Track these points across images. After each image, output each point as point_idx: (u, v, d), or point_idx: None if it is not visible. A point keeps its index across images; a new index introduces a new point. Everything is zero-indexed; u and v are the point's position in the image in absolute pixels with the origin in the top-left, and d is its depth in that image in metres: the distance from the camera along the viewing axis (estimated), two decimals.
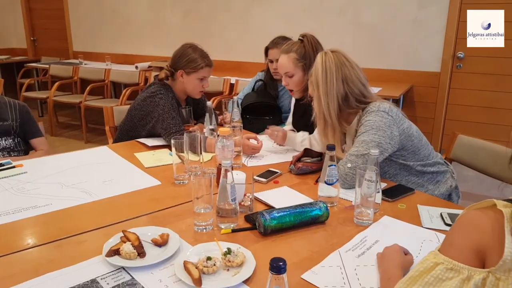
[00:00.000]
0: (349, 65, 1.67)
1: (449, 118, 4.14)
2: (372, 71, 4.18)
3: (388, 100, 3.54)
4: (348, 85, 1.65)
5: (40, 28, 7.12)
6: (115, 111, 2.67)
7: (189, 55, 2.20)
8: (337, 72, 1.64)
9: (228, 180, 1.27)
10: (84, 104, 5.10)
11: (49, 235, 1.25)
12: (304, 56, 2.04)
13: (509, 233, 0.73)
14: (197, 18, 5.30)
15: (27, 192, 1.57)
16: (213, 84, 4.57)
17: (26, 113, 2.34)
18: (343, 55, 1.69)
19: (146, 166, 1.85)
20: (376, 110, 1.62)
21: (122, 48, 6.11)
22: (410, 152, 1.69)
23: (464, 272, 0.75)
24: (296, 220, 1.27)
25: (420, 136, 1.72)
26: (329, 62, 1.65)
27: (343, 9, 4.30)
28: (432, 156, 1.75)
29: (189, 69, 2.19)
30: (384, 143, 1.57)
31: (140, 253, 1.11)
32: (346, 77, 1.65)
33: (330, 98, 1.65)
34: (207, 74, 2.24)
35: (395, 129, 1.61)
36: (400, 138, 1.63)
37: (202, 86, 2.26)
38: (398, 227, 1.31)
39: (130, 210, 1.42)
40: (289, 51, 2.06)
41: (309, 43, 2.06)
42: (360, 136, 1.62)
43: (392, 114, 1.62)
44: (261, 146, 2.01)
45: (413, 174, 1.72)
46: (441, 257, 0.78)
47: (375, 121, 1.60)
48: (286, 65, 2.07)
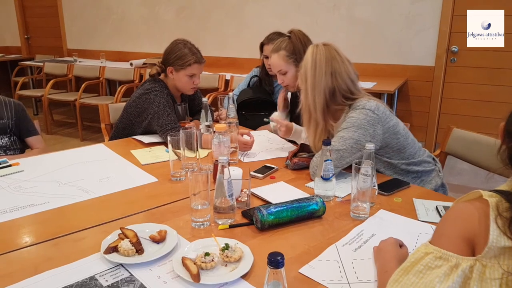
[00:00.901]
0: (340, 59, 1.66)
1: (443, 112, 4.17)
2: (367, 66, 4.20)
3: (383, 95, 3.60)
4: (336, 80, 1.64)
5: (34, 26, 7.07)
6: (110, 108, 2.66)
7: (178, 51, 2.19)
8: (327, 65, 1.63)
9: (225, 176, 1.27)
10: (79, 102, 5.08)
11: (46, 233, 1.25)
12: (293, 51, 2.05)
13: (494, 221, 0.75)
14: (191, 15, 5.29)
15: (24, 191, 1.56)
16: (208, 81, 4.57)
17: (21, 112, 2.33)
18: (334, 48, 1.68)
19: (142, 163, 1.85)
20: (362, 107, 1.62)
21: (117, 45, 6.09)
22: (395, 150, 1.69)
23: (452, 260, 0.77)
24: (293, 215, 1.28)
25: (406, 134, 1.72)
26: (319, 55, 1.64)
27: (337, 4, 4.30)
28: (418, 155, 1.75)
29: (177, 65, 2.18)
30: (363, 141, 1.55)
31: (138, 250, 1.11)
32: (335, 71, 1.64)
33: (317, 91, 1.64)
34: (196, 70, 2.21)
35: (379, 127, 1.61)
36: (384, 136, 1.63)
37: (192, 83, 2.24)
38: (394, 221, 1.33)
39: (128, 207, 1.42)
40: (278, 49, 2.08)
41: (297, 38, 2.08)
42: (340, 132, 1.63)
43: (378, 112, 1.61)
44: (253, 142, 2.02)
45: (398, 173, 1.72)
46: (431, 247, 0.81)
47: (358, 119, 1.60)
48: (278, 63, 2.09)
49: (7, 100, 2.31)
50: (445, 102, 4.13)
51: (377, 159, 1.68)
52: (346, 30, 4.30)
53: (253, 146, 2.03)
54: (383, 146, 1.67)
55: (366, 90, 3.47)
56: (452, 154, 2.13)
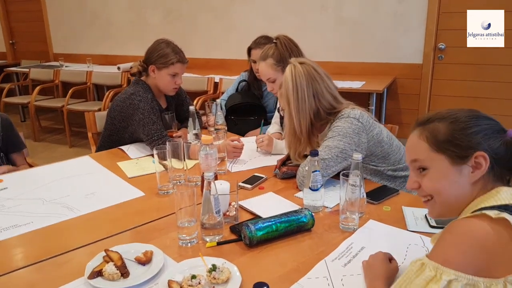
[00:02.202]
0: (319, 77, 1.65)
1: (432, 109, 4.17)
2: (355, 65, 4.18)
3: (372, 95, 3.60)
4: (319, 101, 1.64)
5: (19, 30, 6.97)
6: (97, 116, 2.62)
7: (161, 50, 2.16)
8: (308, 88, 1.62)
9: (211, 192, 1.25)
10: (67, 108, 5.01)
11: (30, 257, 1.22)
12: (280, 59, 2.05)
13: None
14: (178, 17, 5.24)
15: (7, 210, 1.53)
16: (197, 83, 4.52)
17: (9, 126, 2.23)
18: (312, 66, 1.66)
19: (129, 176, 1.82)
20: (347, 116, 1.62)
21: (104, 49, 6.01)
22: (380, 157, 1.69)
23: (480, 286, 0.76)
24: (281, 229, 1.26)
25: (390, 141, 1.71)
26: (299, 78, 1.63)
27: (324, 4, 4.28)
28: (403, 160, 1.74)
29: (160, 64, 2.15)
30: (349, 150, 1.56)
31: (124, 273, 1.09)
32: (317, 92, 1.64)
33: (302, 115, 1.64)
34: (179, 70, 2.19)
35: (364, 136, 1.61)
36: (369, 145, 1.63)
37: (174, 83, 2.21)
38: (383, 232, 1.32)
39: (114, 225, 1.40)
40: (266, 57, 2.08)
41: (282, 45, 2.08)
42: (326, 141, 1.62)
43: (362, 121, 1.61)
44: (242, 146, 2.00)
45: (385, 179, 1.72)
46: (449, 271, 0.78)
47: (343, 128, 1.60)
48: (266, 71, 2.09)
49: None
50: (434, 99, 4.14)
51: (363, 167, 1.67)
52: (334, 30, 4.28)
53: (241, 154, 2.01)
54: (368, 155, 1.66)
55: (355, 89, 3.53)
56: None
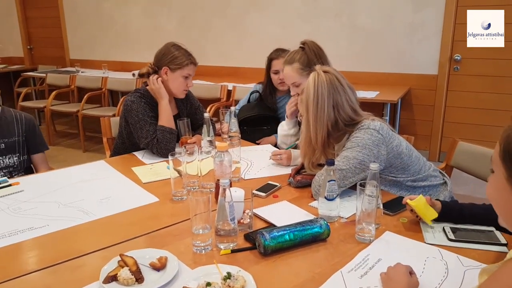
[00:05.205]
0: (341, 88, 1.64)
1: (447, 120, 4.14)
2: (369, 75, 4.17)
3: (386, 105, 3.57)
4: (338, 112, 1.63)
5: (36, 36, 7.10)
6: (112, 122, 2.64)
7: (173, 52, 2.20)
8: (328, 98, 1.61)
9: (226, 199, 1.25)
10: (82, 113, 5.07)
11: (45, 260, 1.22)
12: (308, 63, 2.04)
13: None
14: (193, 25, 5.29)
15: (24, 213, 1.54)
16: (210, 91, 4.55)
17: (32, 127, 2.24)
18: (336, 76, 1.65)
19: (143, 182, 1.83)
20: (366, 127, 1.60)
21: (119, 56, 6.09)
22: (399, 169, 1.67)
23: None
24: (296, 239, 1.25)
25: (410, 152, 1.69)
26: (321, 87, 1.61)
27: (338, 13, 4.29)
28: (423, 170, 1.72)
29: (174, 65, 2.19)
30: (367, 162, 1.53)
31: (138, 279, 1.09)
32: (337, 104, 1.63)
33: (319, 124, 1.63)
34: (192, 71, 2.23)
35: (383, 148, 1.59)
36: (388, 157, 1.61)
37: (186, 85, 2.25)
38: (400, 244, 1.29)
39: (128, 230, 1.40)
40: (292, 61, 2.07)
41: (311, 50, 2.07)
42: (344, 151, 1.61)
43: (382, 133, 1.59)
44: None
45: (404, 189, 1.69)
46: None
47: (363, 139, 1.58)
48: (291, 75, 2.08)
49: (18, 115, 2.20)
50: (449, 111, 4.10)
51: (382, 178, 1.65)
52: (348, 39, 4.27)
53: (255, 162, 2.00)
54: (387, 166, 1.64)
55: (369, 99, 3.50)
56: (457, 167, 2.11)
